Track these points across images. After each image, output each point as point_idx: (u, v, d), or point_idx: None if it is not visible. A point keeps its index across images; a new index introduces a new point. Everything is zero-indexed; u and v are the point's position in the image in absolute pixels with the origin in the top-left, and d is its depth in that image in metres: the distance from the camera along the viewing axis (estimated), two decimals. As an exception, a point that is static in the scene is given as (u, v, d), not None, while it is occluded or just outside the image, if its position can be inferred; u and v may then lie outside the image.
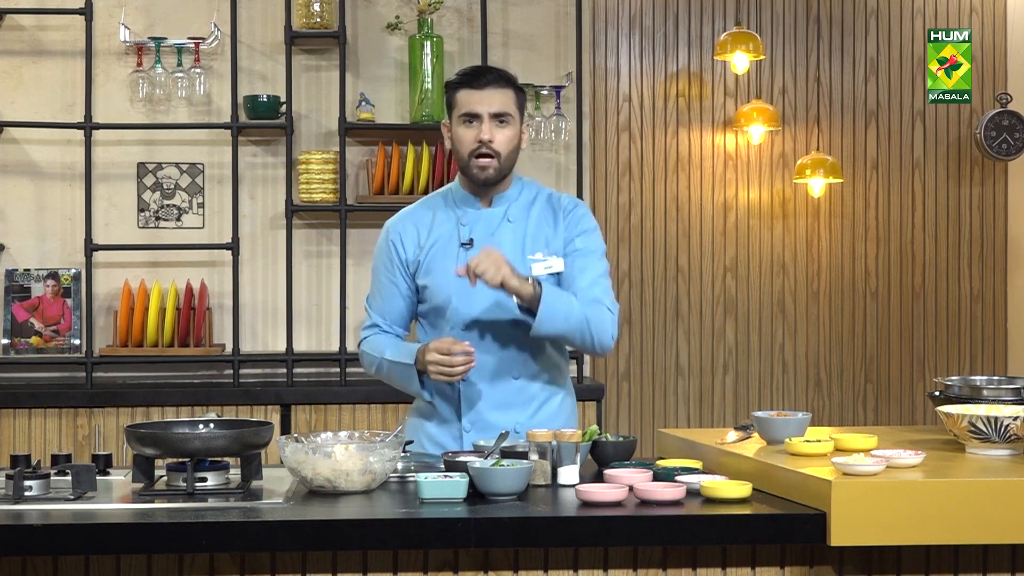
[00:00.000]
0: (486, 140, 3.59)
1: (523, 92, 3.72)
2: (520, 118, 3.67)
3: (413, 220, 3.77)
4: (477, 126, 3.60)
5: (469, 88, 3.63)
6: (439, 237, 3.70)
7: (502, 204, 3.70)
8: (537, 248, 3.66)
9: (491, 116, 3.60)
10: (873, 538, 2.77)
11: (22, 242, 6.09)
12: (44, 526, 2.77)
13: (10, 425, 5.63)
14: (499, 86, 3.63)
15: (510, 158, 3.65)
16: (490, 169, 3.62)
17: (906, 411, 6.90)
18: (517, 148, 3.67)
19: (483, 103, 3.61)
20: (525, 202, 3.72)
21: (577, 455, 3.20)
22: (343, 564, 2.82)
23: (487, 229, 3.68)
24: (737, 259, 6.84)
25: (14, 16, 6.06)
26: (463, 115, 3.62)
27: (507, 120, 3.61)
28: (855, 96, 6.89)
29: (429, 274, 3.70)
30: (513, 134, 3.64)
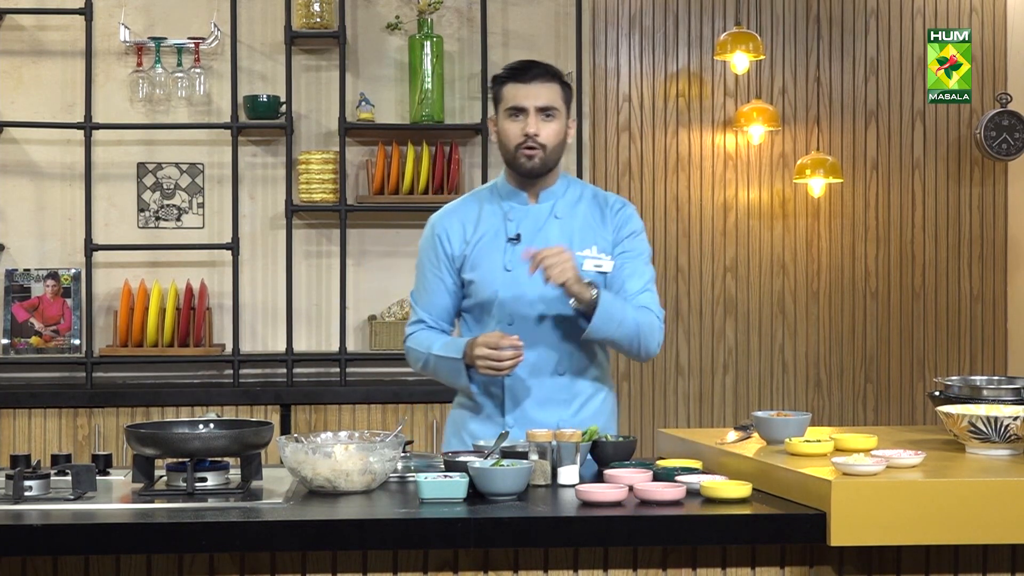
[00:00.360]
0: (532, 134, 3.59)
1: (570, 87, 3.71)
2: (566, 112, 3.67)
3: (459, 215, 3.76)
4: (523, 120, 3.60)
5: (516, 82, 3.62)
6: (485, 232, 3.70)
7: (549, 200, 3.71)
8: (585, 245, 3.66)
9: (537, 110, 3.60)
10: (873, 538, 2.77)
11: (22, 242, 6.10)
12: (44, 526, 2.77)
13: (10, 425, 5.63)
14: (545, 80, 3.62)
15: (555, 152, 3.65)
16: (535, 159, 3.61)
17: (906, 411, 6.90)
18: (563, 143, 3.67)
19: (529, 97, 3.60)
20: (572, 199, 3.73)
21: (577, 455, 3.20)
22: (343, 564, 2.82)
23: (534, 224, 3.68)
24: (737, 259, 6.84)
25: (14, 16, 6.06)
26: (509, 109, 3.62)
27: (553, 114, 3.61)
28: (855, 96, 6.89)
29: (475, 269, 3.69)
30: (559, 128, 3.63)
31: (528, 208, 3.70)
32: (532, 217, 3.69)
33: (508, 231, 3.68)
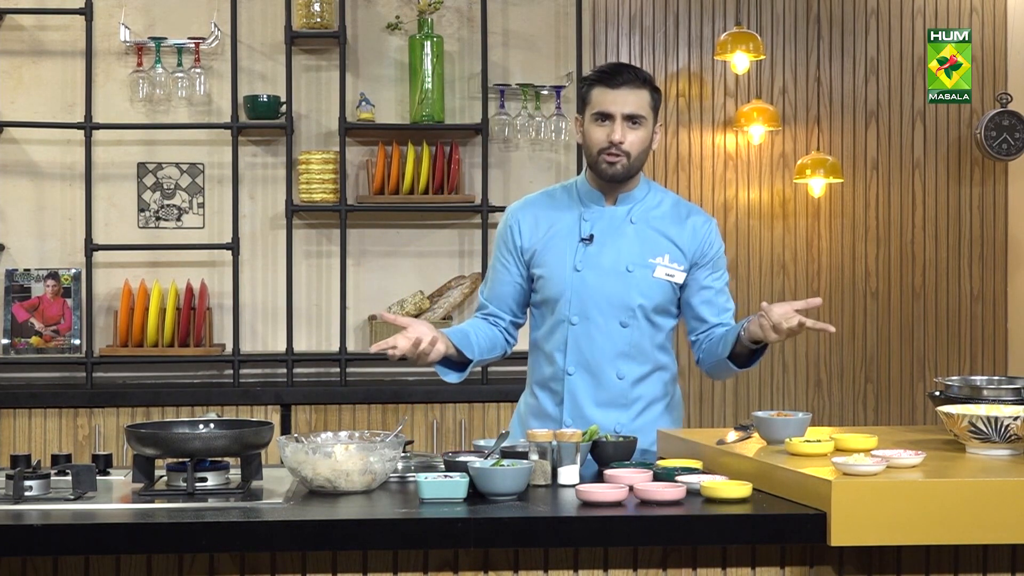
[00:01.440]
0: (617, 141, 3.58)
1: (659, 92, 3.69)
2: (654, 119, 3.65)
3: (535, 208, 3.76)
4: (609, 125, 3.59)
5: (604, 87, 3.61)
6: (559, 229, 3.70)
7: (627, 204, 3.70)
8: (659, 253, 3.67)
9: (624, 117, 3.58)
10: (873, 538, 2.77)
11: (22, 242, 6.10)
12: (44, 526, 2.77)
13: (10, 425, 5.63)
14: (634, 86, 3.60)
15: (639, 158, 3.63)
16: (618, 166, 3.61)
17: (906, 411, 6.90)
18: (648, 149, 3.66)
19: (617, 103, 3.59)
20: (651, 205, 3.72)
21: (577, 455, 3.20)
22: (343, 564, 2.82)
23: (609, 227, 3.67)
24: (737, 259, 6.84)
25: (14, 16, 6.06)
26: (596, 113, 3.61)
27: (640, 121, 3.60)
28: (855, 96, 6.89)
29: (544, 265, 3.69)
30: (645, 135, 3.62)
31: (605, 210, 3.70)
32: (608, 219, 3.68)
33: (582, 231, 3.68)
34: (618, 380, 3.68)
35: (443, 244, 6.22)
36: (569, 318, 3.66)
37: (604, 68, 3.68)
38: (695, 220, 3.74)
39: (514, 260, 3.75)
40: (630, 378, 3.69)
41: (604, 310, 3.64)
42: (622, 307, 3.64)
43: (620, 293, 3.62)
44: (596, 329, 3.65)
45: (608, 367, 3.67)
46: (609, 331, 3.66)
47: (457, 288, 6.10)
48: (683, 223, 3.71)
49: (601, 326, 3.65)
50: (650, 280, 3.63)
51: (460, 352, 3.65)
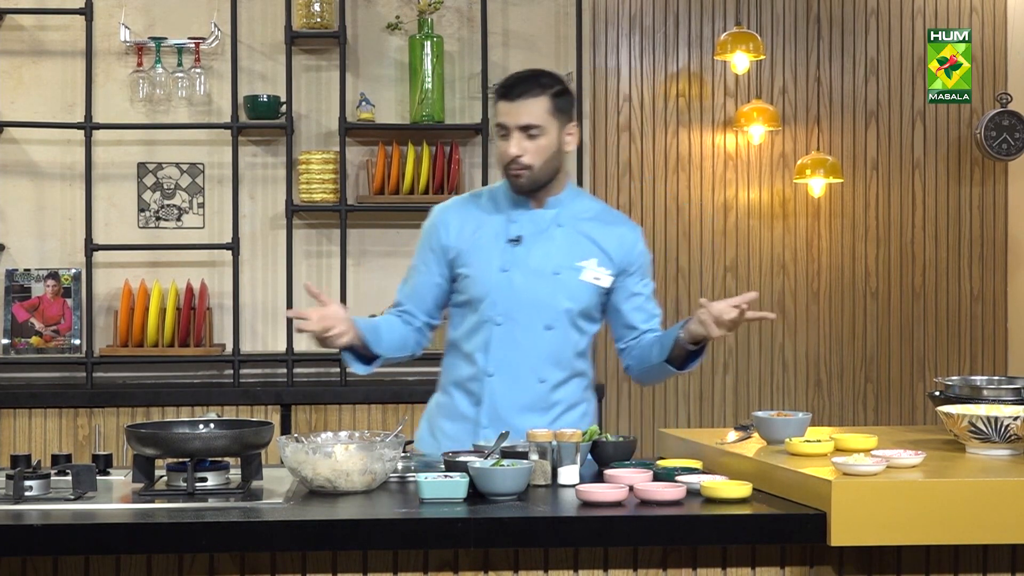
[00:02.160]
0: (513, 155, 3.57)
1: (566, 94, 3.66)
2: (560, 123, 3.61)
3: (462, 209, 3.76)
4: (509, 139, 3.59)
5: (502, 100, 3.61)
6: (486, 230, 3.69)
7: (555, 207, 3.69)
8: (585, 257, 3.66)
9: (519, 129, 3.57)
10: (873, 538, 2.77)
11: (22, 242, 6.10)
12: (44, 526, 2.77)
13: (10, 425, 5.63)
14: (531, 96, 3.58)
15: (546, 166, 3.61)
16: (522, 178, 3.60)
17: (906, 411, 6.90)
18: (557, 153, 3.62)
19: (511, 115, 3.58)
20: (578, 210, 3.72)
21: (577, 455, 3.20)
22: (343, 564, 2.82)
23: (537, 229, 3.67)
24: (737, 259, 6.84)
25: (14, 16, 6.06)
26: (496, 125, 3.63)
27: (537, 131, 3.57)
28: (855, 96, 6.89)
29: (470, 265, 3.68)
30: (547, 143, 3.59)
31: (532, 213, 3.69)
32: (535, 222, 3.68)
33: (510, 232, 3.67)
34: (539, 384, 3.65)
35: (443, 244, 6.22)
36: (494, 319, 3.64)
37: (506, 80, 3.67)
38: (623, 228, 3.74)
39: (436, 260, 3.73)
40: (551, 382, 3.67)
41: (530, 312, 3.63)
42: (548, 309, 3.63)
43: (547, 295, 3.61)
44: (520, 331, 3.63)
45: (530, 370, 3.65)
46: (533, 334, 3.63)
47: (457, 288, 6.10)
48: (610, 230, 3.71)
49: (526, 328, 3.62)
50: (577, 283, 3.62)
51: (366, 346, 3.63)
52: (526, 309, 3.62)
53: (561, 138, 3.62)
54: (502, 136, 3.60)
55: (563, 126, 3.63)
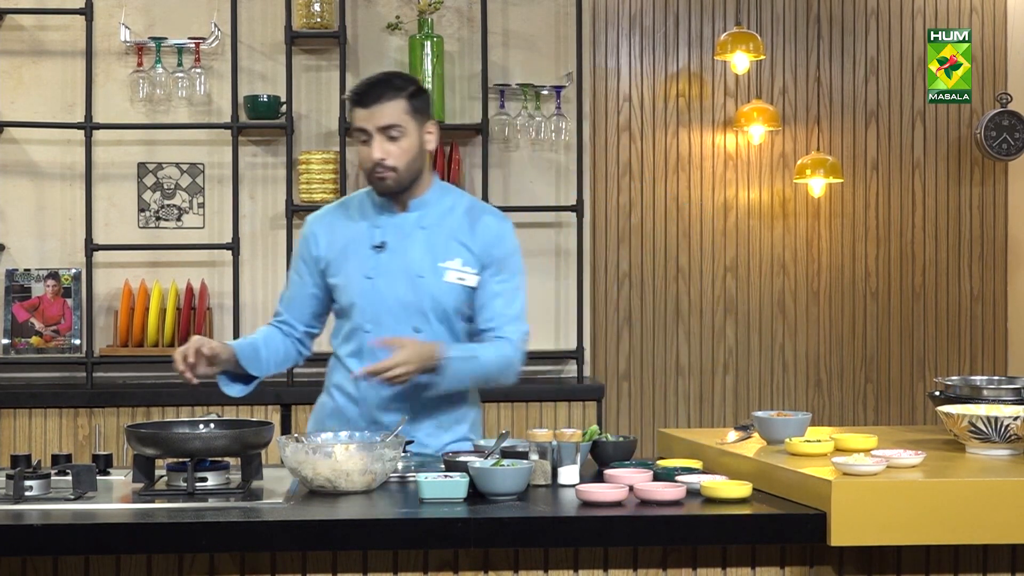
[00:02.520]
0: (377, 159, 3.57)
1: (421, 93, 3.65)
2: (418, 123, 3.62)
3: (331, 218, 3.78)
4: (370, 143, 3.59)
5: (357, 106, 3.60)
6: (352, 238, 3.71)
7: (417, 209, 3.69)
8: (449, 257, 3.65)
9: (379, 132, 3.57)
10: (873, 538, 2.77)
11: (22, 242, 6.10)
12: (44, 526, 2.78)
13: (10, 425, 5.63)
14: (386, 99, 3.57)
15: (411, 166, 3.61)
16: (387, 181, 3.60)
17: (906, 411, 6.90)
18: (420, 153, 3.63)
19: (370, 120, 3.57)
20: (443, 209, 3.71)
21: (577, 455, 3.20)
22: (343, 564, 2.82)
23: (400, 233, 3.68)
24: (737, 259, 6.84)
25: (14, 16, 6.06)
26: (356, 131, 3.62)
27: (398, 131, 3.57)
28: (855, 96, 6.89)
29: (339, 274, 3.71)
30: (409, 144, 3.59)
31: (396, 217, 3.69)
32: (398, 226, 3.68)
33: (374, 239, 3.68)
34: (412, 386, 3.63)
35: (443, 244, 6.22)
36: (363, 326, 3.66)
37: (357, 87, 3.65)
38: (486, 220, 3.71)
39: (309, 271, 3.76)
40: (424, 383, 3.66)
41: (397, 316, 3.64)
42: (414, 312, 3.64)
43: (411, 299, 3.62)
44: (389, 335, 3.63)
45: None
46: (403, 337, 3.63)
47: (457, 288, 6.10)
48: (474, 227, 3.69)
49: (394, 333, 3.62)
50: (441, 285, 3.62)
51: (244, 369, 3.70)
52: (393, 314, 3.64)
53: (422, 137, 3.63)
54: (363, 142, 3.60)
55: (422, 126, 3.63)
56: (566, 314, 6.22)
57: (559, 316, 6.23)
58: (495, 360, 3.61)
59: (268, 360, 3.77)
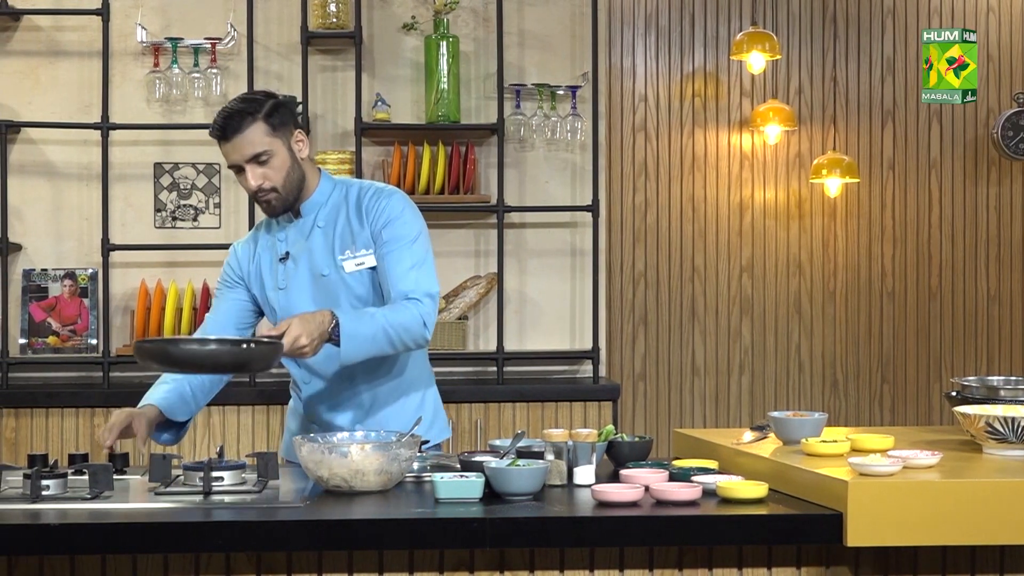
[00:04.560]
0: (255, 187, 3.58)
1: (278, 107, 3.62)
2: (283, 139, 3.60)
3: (248, 239, 3.83)
4: (245, 174, 3.59)
5: (220, 142, 3.59)
6: (263, 253, 3.76)
7: (311, 212, 3.70)
8: (346, 247, 3.66)
9: (248, 162, 3.57)
10: (889, 539, 2.77)
11: (39, 242, 6.11)
12: (61, 525, 2.78)
13: (27, 424, 5.64)
14: (245, 128, 3.55)
15: (289, 181, 3.61)
16: (273, 202, 3.62)
17: (923, 411, 6.89)
18: (295, 165, 3.62)
19: (236, 152, 3.57)
20: (334, 204, 3.71)
21: (593, 455, 3.20)
22: (359, 564, 2.82)
23: (300, 238, 3.70)
24: (753, 259, 6.83)
25: (31, 17, 6.08)
26: (230, 167, 3.63)
27: (265, 155, 3.56)
28: (871, 96, 6.88)
29: (258, 289, 3.76)
30: (280, 162, 3.59)
31: (294, 224, 3.72)
32: (298, 232, 3.71)
33: (278, 251, 3.72)
34: (344, 382, 3.67)
35: (458, 244, 6.22)
36: None
37: (215, 122, 3.60)
38: (368, 199, 3.68)
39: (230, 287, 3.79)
40: (361, 378, 3.68)
41: None
42: None
43: (323, 299, 3.64)
44: None
45: (332, 371, 3.66)
46: None
47: (473, 288, 6.11)
48: (359, 208, 3.68)
49: None
50: (346, 277, 3.63)
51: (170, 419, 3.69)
52: None
53: (292, 148, 3.63)
54: (238, 173, 3.60)
55: (288, 138, 3.62)
56: (582, 314, 6.21)
57: (575, 316, 6.22)
58: (396, 319, 3.51)
59: (199, 396, 3.75)
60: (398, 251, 3.62)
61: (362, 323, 3.47)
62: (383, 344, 3.51)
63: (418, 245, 3.65)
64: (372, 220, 3.65)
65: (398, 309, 3.54)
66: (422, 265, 3.63)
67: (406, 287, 3.58)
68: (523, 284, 6.24)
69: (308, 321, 3.40)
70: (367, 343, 3.48)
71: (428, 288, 3.61)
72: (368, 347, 3.49)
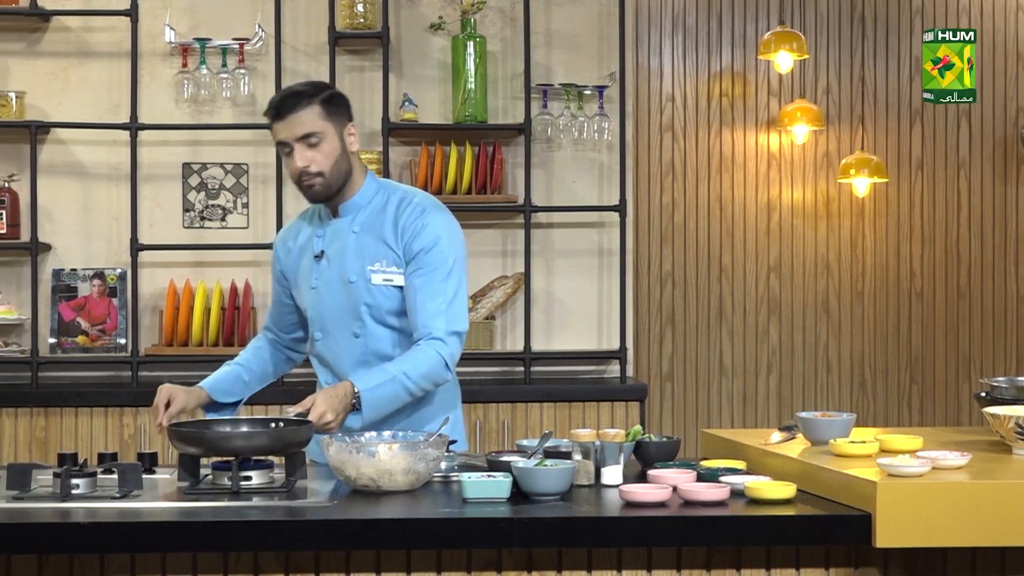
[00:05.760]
0: (300, 167, 3.58)
1: (336, 97, 3.65)
2: (337, 127, 3.62)
3: (289, 232, 3.86)
4: (293, 154, 3.60)
5: (274, 120, 3.62)
6: (302, 249, 3.77)
7: (349, 214, 3.70)
8: (376, 259, 3.64)
9: (299, 141, 3.58)
10: (918, 540, 2.75)
11: (68, 242, 6.14)
12: (91, 524, 2.79)
13: (57, 424, 5.67)
14: (301, 108, 3.58)
15: (336, 170, 3.61)
16: (316, 187, 3.61)
17: (952, 412, 6.86)
18: (343, 155, 3.63)
19: (287, 130, 3.59)
20: (374, 209, 3.70)
21: (621, 455, 3.20)
22: (387, 563, 2.82)
23: (336, 240, 3.70)
24: (781, 259, 6.82)
25: (61, 18, 6.10)
26: (277, 144, 3.64)
27: (317, 138, 3.58)
28: (900, 95, 6.86)
29: (295, 286, 3.78)
30: (330, 148, 3.60)
31: (332, 224, 3.72)
32: (335, 233, 3.71)
33: (315, 248, 3.72)
34: None
35: (486, 244, 6.23)
36: (314, 333, 3.73)
37: (271, 101, 3.66)
38: (408, 214, 3.66)
39: (279, 283, 3.86)
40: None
41: (338, 323, 3.67)
42: (351, 318, 3.65)
43: (346, 305, 3.65)
44: (335, 342, 3.68)
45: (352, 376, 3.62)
46: (345, 343, 3.67)
47: (500, 288, 6.11)
48: (397, 222, 3.66)
49: (339, 339, 3.68)
50: (371, 288, 3.61)
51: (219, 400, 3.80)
52: (334, 321, 3.68)
53: (343, 140, 3.64)
54: (287, 154, 3.61)
55: (341, 128, 3.64)
56: (609, 314, 6.21)
57: (602, 316, 6.22)
58: (416, 370, 3.51)
59: (252, 382, 3.88)
60: (430, 284, 3.58)
61: (382, 388, 3.48)
62: (404, 399, 3.54)
63: (452, 277, 3.61)
64: (408, 238, 3.62)
65: (419, 357, 3.53)
66: (453, 300, 3.60)
67: (433, 326, 3.56)
68: (550, 284, 6.24)
69: (332, 396, 3.42)
70: (388, 403, 3.51)
71: (456, 327, 3.59)
72: (389, 406, 3.52)
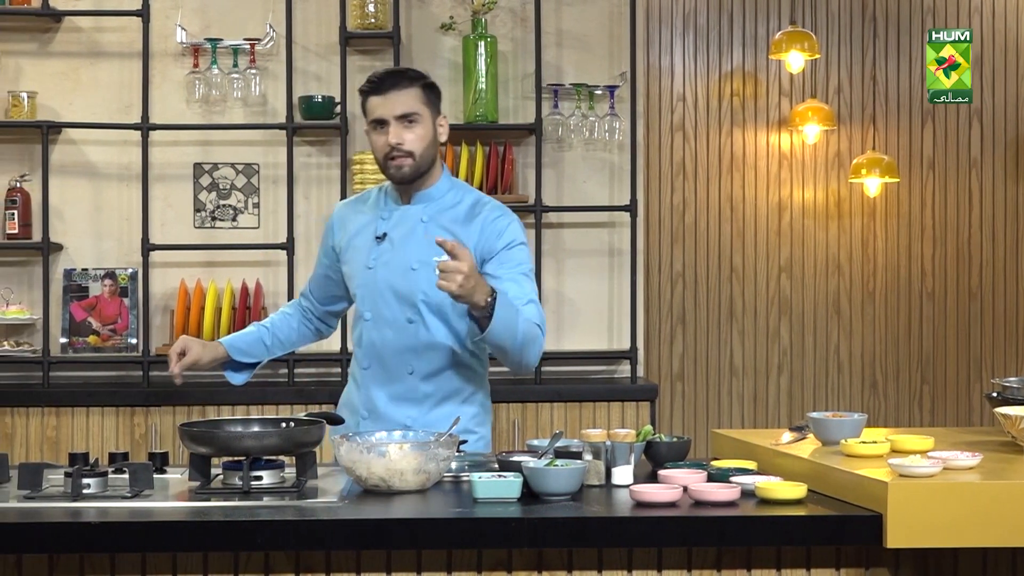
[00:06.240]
0: (395, 143, 3.61)
1: (433, 86, 3.70)
2: (432, 113, 3.67)
3: (349, 208, 3.88)
4: (387, 131, 3.62)
5: (374, 95, 3.64)
6: (361, 228, 3.78)
7: (421, 203, 3.72)
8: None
9: (397, 119, 3.61)
10: (930, 540, 2.75)
11: (79, 242, 6.15)
12: (102, 523, 2.80)
13: (68, 423, 5.68)
14: (403, 87, 3.63)
15: (426, 154, 3.65)
16: (405, 167, 3.63)
17: (963, 412, 6.85)
18: (433, 143, 3.68)
19: (387, 107, 3.62)
20: (447, 204, 3.72)
21: (631, 455, 3.19)
22: (397, 563, 2.82)
23: (403, 225, 3.71)
24: (792, 259, 6.81)
25: (72, 18, 6.11)
26: (372, 121, 3.65)
27: (415, 119, 3.62)
28: (911, 95, 6.85)
29: (348, 262, 3.79)
30: (424, 131, 3.64)
31: (401, 210, 3.73)
32: (403, 219, 3.72)
33: (378, 230, 3.73)
34: (408, 375, 3.69)
35: (497, 244, 6.22)
36: (363, 314, 3.74)
37: (372, 77, 3.69)
38: (485, 215, 3.70)
39: (327, 255, 3.89)
40: (420, 373, 3.68)
41: (392, 307, 3.68)
42: (407, 304, 3.66)
43: (405, 290, 3.66)
44: (386, 325, 3.69)
45: (398, 362, 3.68)
46: (397, 327, 3.68)
47: (510, 288, 6.11)
48: (474, 223, 3.69)
49: (390, 322, 3.68)
50: (433, 278, 3.58)
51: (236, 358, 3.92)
52: (388, 304, 3.69)
53: (435, 127, 3.68)
54: (376, 130, 3.64)
55: (435, 116, 3.69)
56: (619, 314, 6.21)
57: (612, 316, 6.22)
58: (528, 324, 3.51)
59: (273, 346, 4.01)
60: (519, 281, 3.62)
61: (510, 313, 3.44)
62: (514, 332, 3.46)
63: (532, 278, 3.70)
64: (490, 235, 3.66)
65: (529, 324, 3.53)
66: (536, 297, 3.66)
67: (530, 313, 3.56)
68: (561, 284, 6.24)
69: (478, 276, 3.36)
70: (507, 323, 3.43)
71: (544, 319, 3.64)
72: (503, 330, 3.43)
